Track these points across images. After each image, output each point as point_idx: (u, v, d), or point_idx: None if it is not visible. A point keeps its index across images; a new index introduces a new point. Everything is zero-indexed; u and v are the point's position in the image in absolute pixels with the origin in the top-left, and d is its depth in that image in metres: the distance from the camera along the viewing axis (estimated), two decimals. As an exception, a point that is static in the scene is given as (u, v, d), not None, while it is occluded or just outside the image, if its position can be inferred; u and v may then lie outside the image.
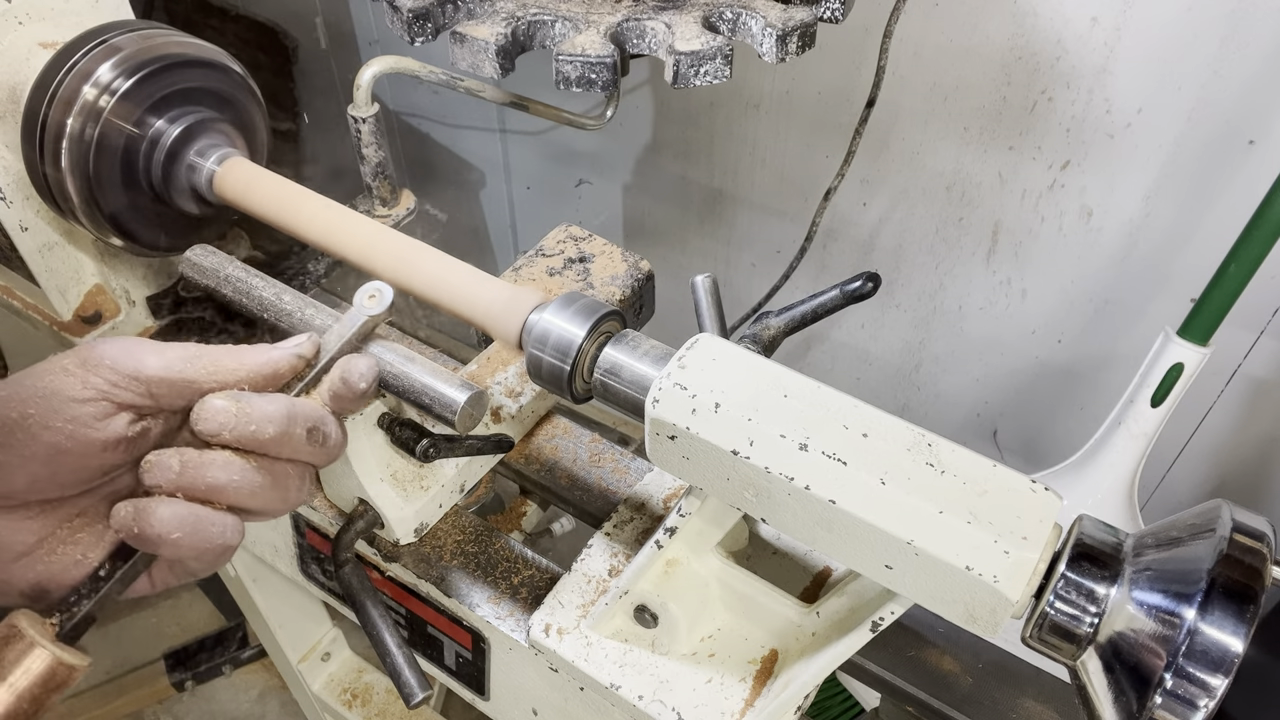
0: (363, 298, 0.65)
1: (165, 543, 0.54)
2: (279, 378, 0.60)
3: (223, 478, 0.55)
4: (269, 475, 0.57)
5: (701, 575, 0.72)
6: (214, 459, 0.55)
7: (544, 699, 0.81)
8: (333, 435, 0.60)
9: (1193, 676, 0.47)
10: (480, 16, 0.94)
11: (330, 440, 0.60)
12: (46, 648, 0.53)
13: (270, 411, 0.56)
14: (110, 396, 0.55)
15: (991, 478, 0.53)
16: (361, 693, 1.54)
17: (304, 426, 0.57)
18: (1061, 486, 1.47)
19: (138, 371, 0.55)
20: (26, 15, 0.88)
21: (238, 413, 0.54)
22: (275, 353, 0.60)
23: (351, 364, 0.61)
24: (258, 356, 0.59)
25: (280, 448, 0.56)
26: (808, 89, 1.62)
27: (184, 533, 0.54)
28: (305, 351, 0.61)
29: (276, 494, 0.57)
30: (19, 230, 0.94)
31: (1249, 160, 1.32)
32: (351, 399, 0.61)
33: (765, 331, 0.79)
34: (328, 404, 0.60)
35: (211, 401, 0.55)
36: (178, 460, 0.54)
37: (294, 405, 0.57)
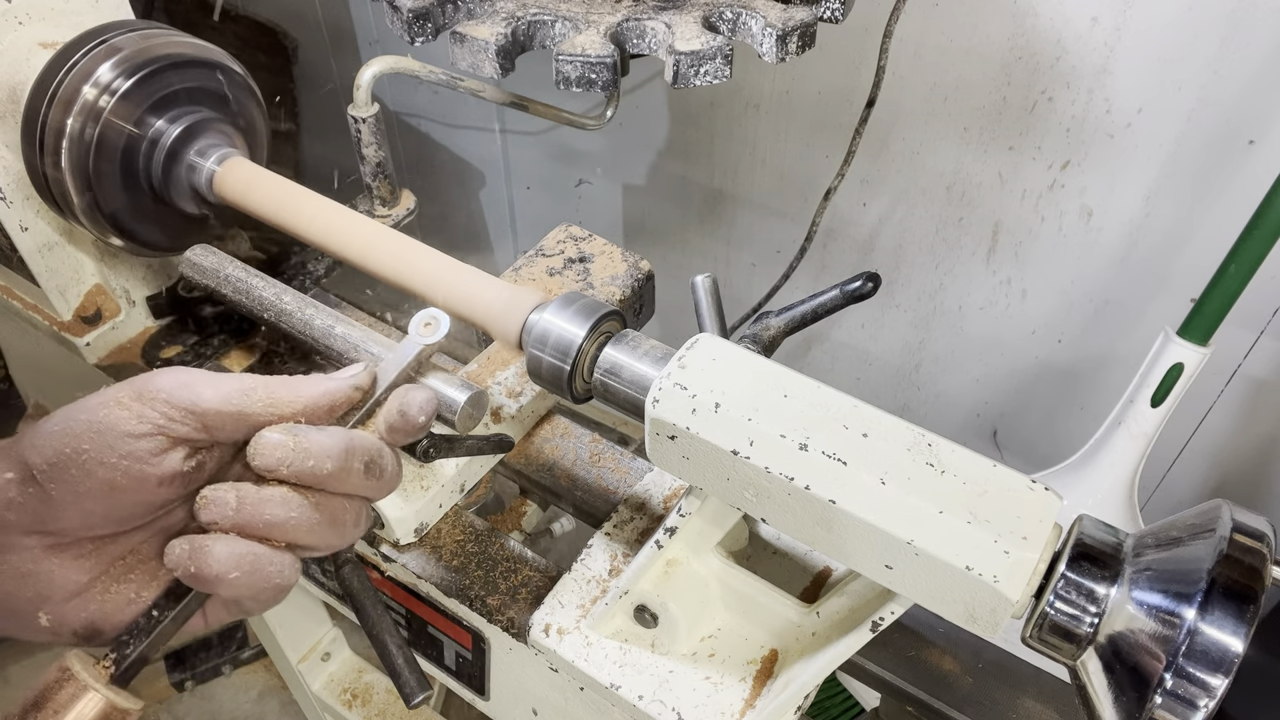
0: (418, 326, 0.62)
1: (222, 582, 0.52)
2: (335, 410, 0.58)
3: (280, 514, 0.53)
4: (326, 511, 0.55)
5: (701, 575, 0.72)
6: (271, 495, 0.53)
7: (544, 699, 0.81)
8: (389, 468, 0.58)
9: (1193, 676, 0.47)
10: (480, 16, 0.94)
11: (387, 473, 0.58)
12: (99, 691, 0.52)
13: (328, 446, 0.54)
14: (166, 431, 0.53)
15: (991, 478, 0.53)
16: (361, 693, 1.54)
17: (362, 460, 0.55)
18: (1061, 486, 1.47)
19: (194, 405, 0.53)
20: (26, 15, 0.88)
21: (295, 447, 0.53)
22: (331, 384, 0.58)
23: (410, 396, 0.59)
24: (314, 388, 0.57)
25: (339, 483, 0.55)
26: (808, 89, 1.62)
27: (241, 572, 0.52)
28: (362, 383, 0.59)
29: (333, 530, 0.56)
30: (19, 230, 0.94)
31: (1249, 160, 1.32)
32: (408, 431, 0.59)
33: (765, 331, 0.79)
34: (383, 436, 0.58)
35: (269, 436, 0.53)
36: (234, 496, 0.52)
37: (352, 439, 0.55)
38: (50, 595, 0.54)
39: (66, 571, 0.54)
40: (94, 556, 0.55)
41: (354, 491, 0.56)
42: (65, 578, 0.54)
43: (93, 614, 0.55)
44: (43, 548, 0.54)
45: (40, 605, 0.54)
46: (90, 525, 0.54)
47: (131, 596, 0.56)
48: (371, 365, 0.60)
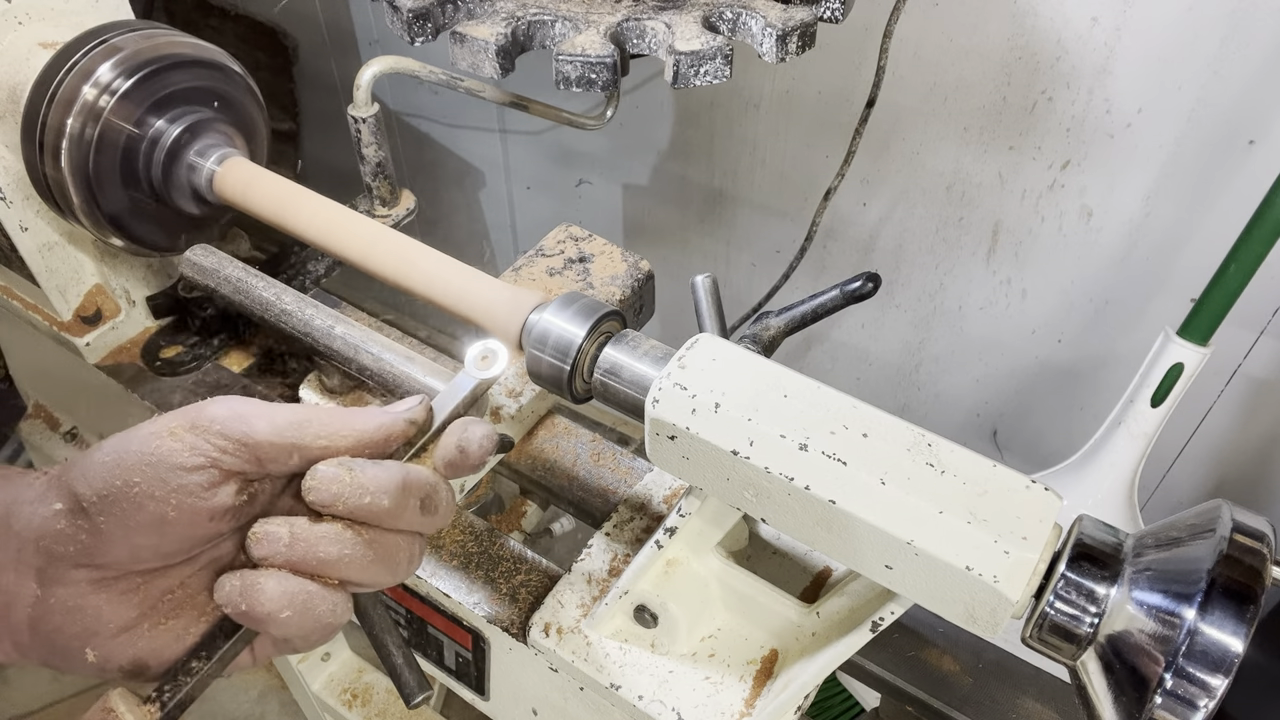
0: (474, 359, 0.60)
1: (273, 621, 0.51)
2: (390, 443, 0.56)
3: (334, 552, 0.51)
4: (380, 548, 0.53)
5: (701, 575, 0.72)
6: (325, 532, 0.52)
7: (544, 699, 0.81)
8: (444, 503, 0.56)
9: (1193, 677, 0.47)
10: (480, 16, 0.94)
11: (442, 509, 0.56)
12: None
13: (384, 481, 0.52)
14: (218, 464, 0.52)
15: (991, 478, 0.53)
16: (361, 693, 1.54)
17: (417, 496, 0.54)
18: (1061, 486, 1.47)
19: (247, 436, 0.52)
20: (26, 15, 0.88)
21: (351, 483, 0.51)
22: (386, 418, 0.56)
23: (470, 432, 0.57)
24: (368, 421, 0.55)
25: (394, 519, 0.53)
26: (808, 89, 1.62)
27: (293, 611, 0.51)
28: (418, 417, 0.57)
29: (386, 568, 0.54)
30: (19, 230, 0.94)
31: (1249, 160, 1.32)
32: (468, 468, 0.57)
33: (765, 331, 0.79)
34: (440, 470, 0.57)
35: (325, 470, 0.52)
36: (288, 532, 0.51)
37: (408, 474, 0.54)
38: (98, 630, 0.53)
39: (114, 607, 0.53)
40: (142, 591, 0.54)
41: (408, 528, 0.55)
42: (113, 613, 0.53)
43: (140, 650, 0.54)
44: (90, 582, 0.53)
45: (88, 641, 0.53)
46: (139, 559, 0.53)
47: (180, 632, 0.55)
48: (427, 400, 0.59)
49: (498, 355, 0.59)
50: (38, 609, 0.52)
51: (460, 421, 0.58)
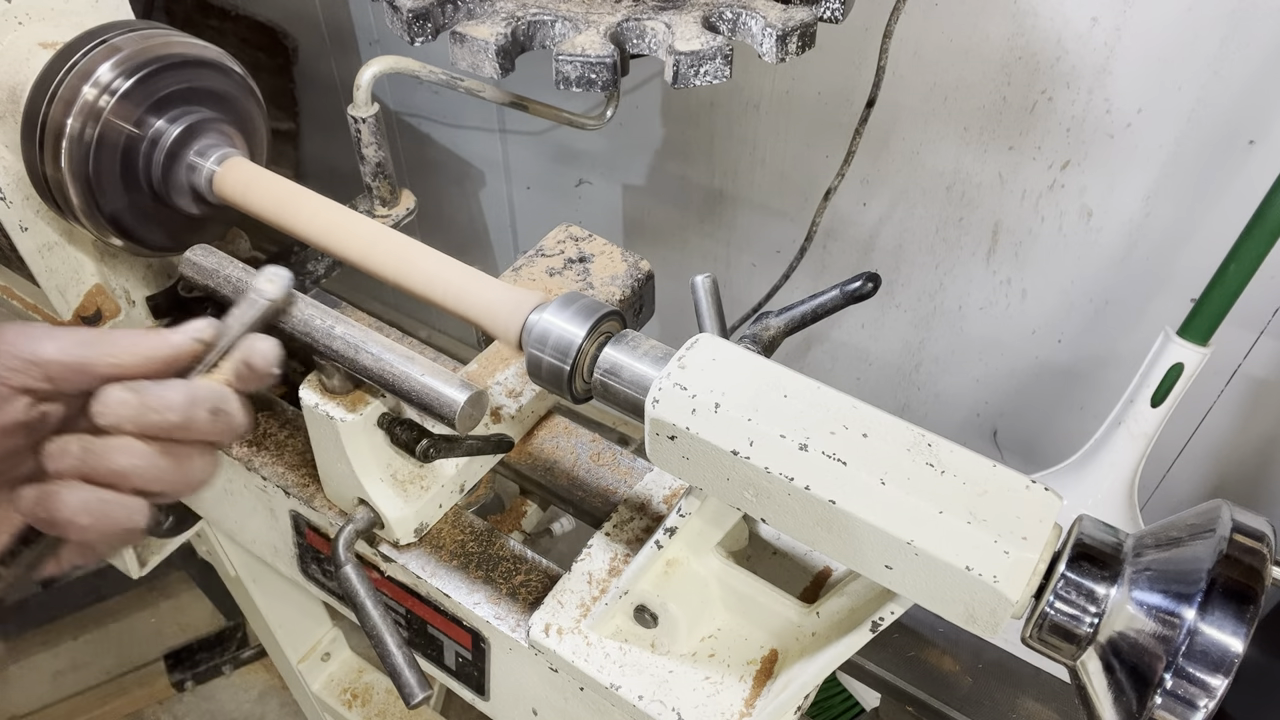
0: (261, 282, 0.66)
1: (72, 526, 0.54)
2: (178, 362, 0.60)
3: (125, 463, 0.55)
4: (172, 458, 0.57)
5: (701, 575, 0.72)
6: (116, 445, 0.55)
7: (544, 699, 0.81)
8: (236, 414, 0.60)
9: (1193, 676, 0.47)
10: (480, 16, 0.94)
11: (234, 419, 0.60)
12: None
13: (170, 399, 0.56)
14: (7, 380, 0.55)
15: (991, 478, 0.53)
16: (361, 693, 1.54)
17: (206, 409, 0.58)
18: (1061, 486, 1.47)
19: (34, 355, 0.55)
20: (26, 15, 0.88)
21: (138, 404, 0.55)
22: (174, 337, 0.60)
23: (256, 346, 0.61)
24: (155, 341, 0.59)
25: (184, 431, 0.57)
26: (808, 89, 1.62)
27: (91, 517, 0.54)
28: (205, 336, 0.61)
29: (180, 476, 0.58)
30: (19, 230, 0.94)
31: (1249, 160, 1.32)
32: (257, 380, 0.62)
33: (765, 331, 0.79)
34: (231, 384, 0.61)
35: (111, 393, 0.55)
36: (78, 446, 0.55)
37: (195, 390, 0.58)
38: None
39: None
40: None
41: (200, 438, 0.58)
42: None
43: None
44: None
45: None
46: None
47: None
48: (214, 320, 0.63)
49: (280, 278, 0.66)
50: None
51: (249, 337, 0.62)
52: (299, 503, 0.87)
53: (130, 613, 2.26)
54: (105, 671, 2.14)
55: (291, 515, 0.90)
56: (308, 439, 0.79)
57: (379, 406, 0.73)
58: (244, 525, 0.99)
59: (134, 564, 1.38)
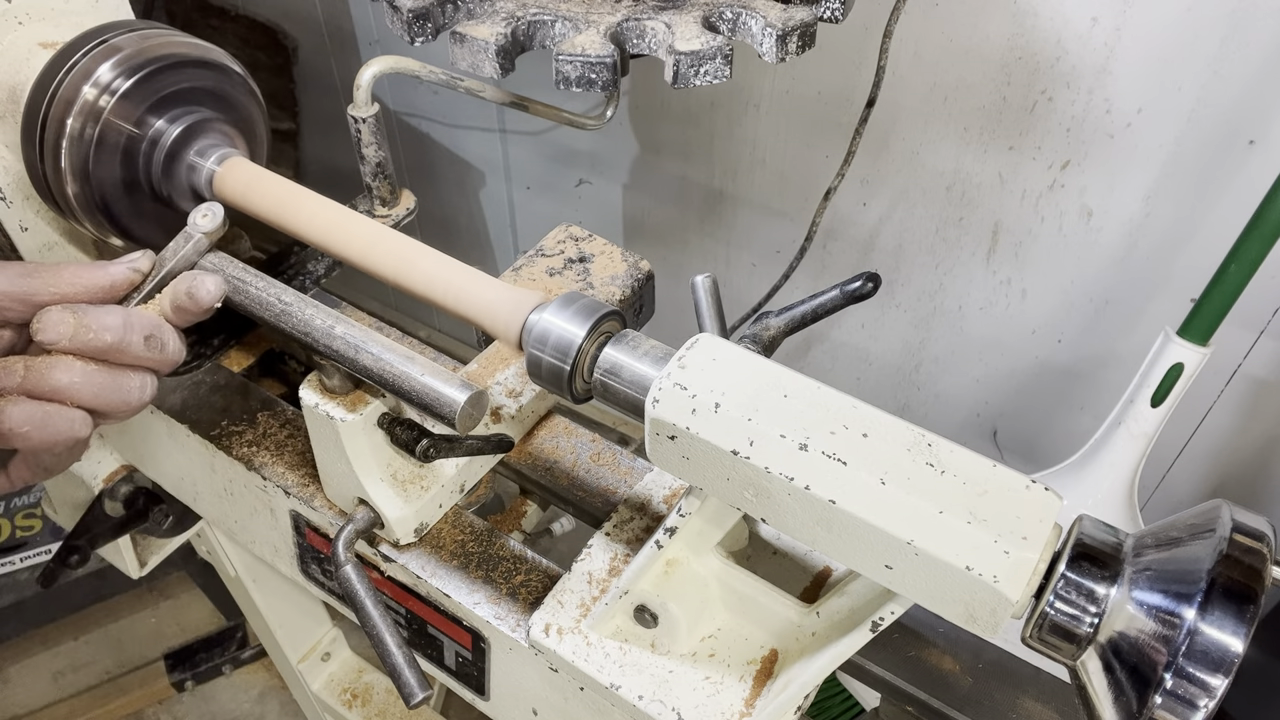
0: (196, 217, 0.70)
1: (16, 436, 0.59)
2: (115, 290, 0.65)
3: (65, 379, 0.60)
4: (110, 377, 0.62)
5: (701, 575, 0.72)
6: (56, 362, 0.60)
7: (544, 699, 0.81)
8: (170, 343, 0.65)
9: (1193, 676, 0.47)
10: (480, 16, 0.94)
11: (169, 348, 0.65)
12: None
13: (107, 321, 0.61)
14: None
15: (991, 478, 0.53)
16: (361, 693, 1.54)
17: (140, 334, 0.63)
18: (1061, 486, 1.47)
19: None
20: (26, 15, 0.87)
21: (75, 323, 0.60)
22: (112, 267, 0.65)
23: (199, 280, 0.66)
24: (95, 271, 0.64)
25: (119, 354, 0.62)
26: (808, 89, 1.62)
27: (33, 426, 0.59)
28: (142, 267, 0.66)
29: (118, 395, 0.63)
30: (19, 230, 0.94)
31: (1249, 160, 1.32)
32: (195, 312, 0.66)
33: (765, 331, 0.79)
34: (168, 314, 0.66)
35: (50, 313, 0.60)
36: (22, 365, 0.59)
37: (130, 315, 0.63)
38: None
39: None
40: None
41: (137, 362, 0.64)
42: None
43: None
44: None
45: None
46: None
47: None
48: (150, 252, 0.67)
49: (215, 213, 0.71)
50: None
51: (192, 272, 0.68)
52: (299, 503, 0.87)
53: (130, 613, 2.26)
54: (105, 671, 2.14)
55: (291, 515, 0.90)
56: (308, 439, 0.79)
57: (379, 406, 0.73)
58: (244, 525, 0.99)
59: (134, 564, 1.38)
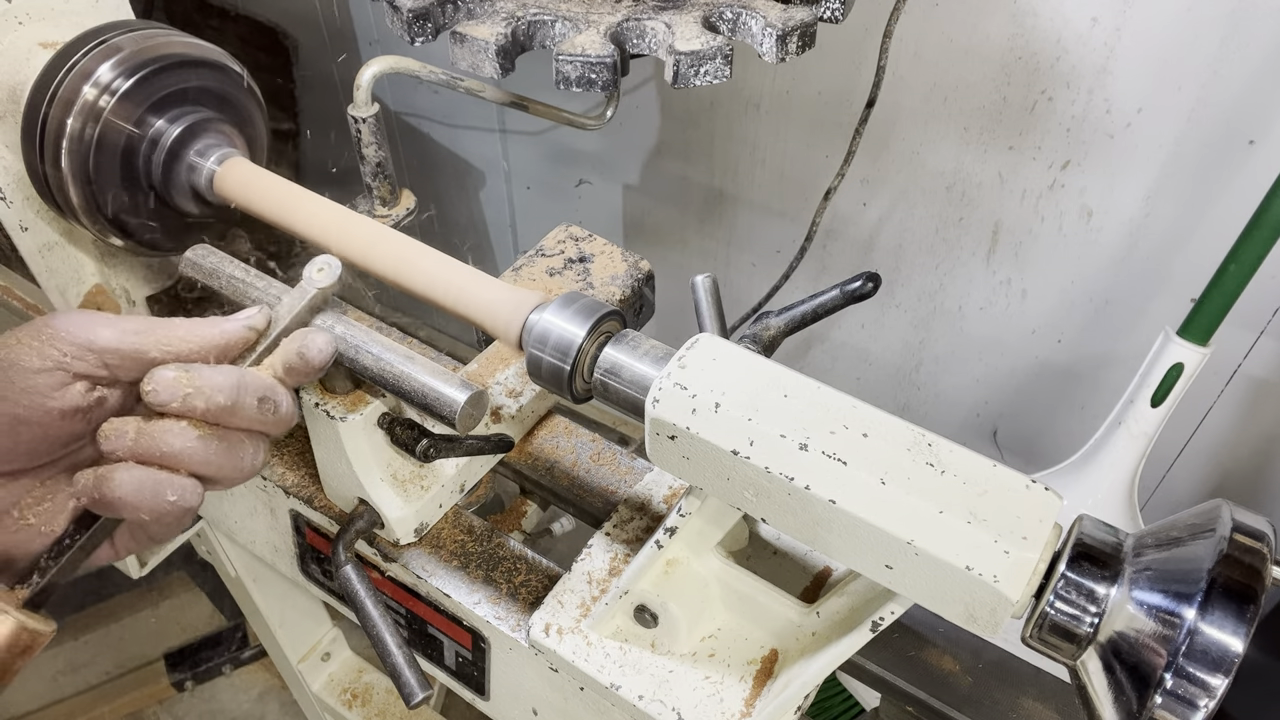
0: (311, 271, 0.66)
1: (125, 506, 0.55)
2: (230, 349, 0.61)
3: (177, 444, 0.56)
4: (223, 443, 0.58)
5: (701, 575, 0.72)
6: (168, 426, 0.56)
7: (544, 699, 0.81)
8: (284, 405, 0.61)
9: (1193, 676, 0.47)
10: (480, 16, 0.94)
11: (282, 409, 0.61)
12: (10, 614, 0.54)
13: (220, 382, 0.57)
14: (66, 366, 0.56)
15: (991, 478, 0.53)
16: (361, 693, 1.54)
17: (254, 396, 0.59)
18: (1061, 486, 1.47)
19: (90, 342, 0.56)
20: (26, 15, 0.88)
21: (188, 384, 0.56)
22: (227, 325, 0.61)
23: (310, 339, 0.62)
24: (209, 329, 0.60)
25: (232, 417, 0.58)
26: (808, 89, 1.62)
27: (143, 496, 0.55)
28: (257, 324, 0.62)
29: (230, 461, 0.59)
30: (19, 230, 0.94)
31: (1249, 160, 1.32)
32: (307, 373, 0.62)
33: (765, 331, 0.79)
34: (280, 375, 0.62)
35: (162, 373, 0.56)
36: (133, 427, 0.56)
37: (244, 376, 0.59)
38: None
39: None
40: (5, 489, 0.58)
41: (249, 426, 0.59)
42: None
43: (5, 544, 0.58)
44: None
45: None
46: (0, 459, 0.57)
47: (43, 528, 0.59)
48: (266, 308, 0.63)
49: (332, 266, 0.66)
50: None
51: (302, 331, 0.63)
52: (299, 503, 0.87)
53: (130, 613, 2.26)
54: (105, 671, 2.14)
55: (291, 515, 0.90)
56: (308, 439, 0.79)
57: (379, 406, 0.73)
58: (244, 525, 0.99)
59: (134, 564, 1.38)
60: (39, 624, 0.56)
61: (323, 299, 0.66)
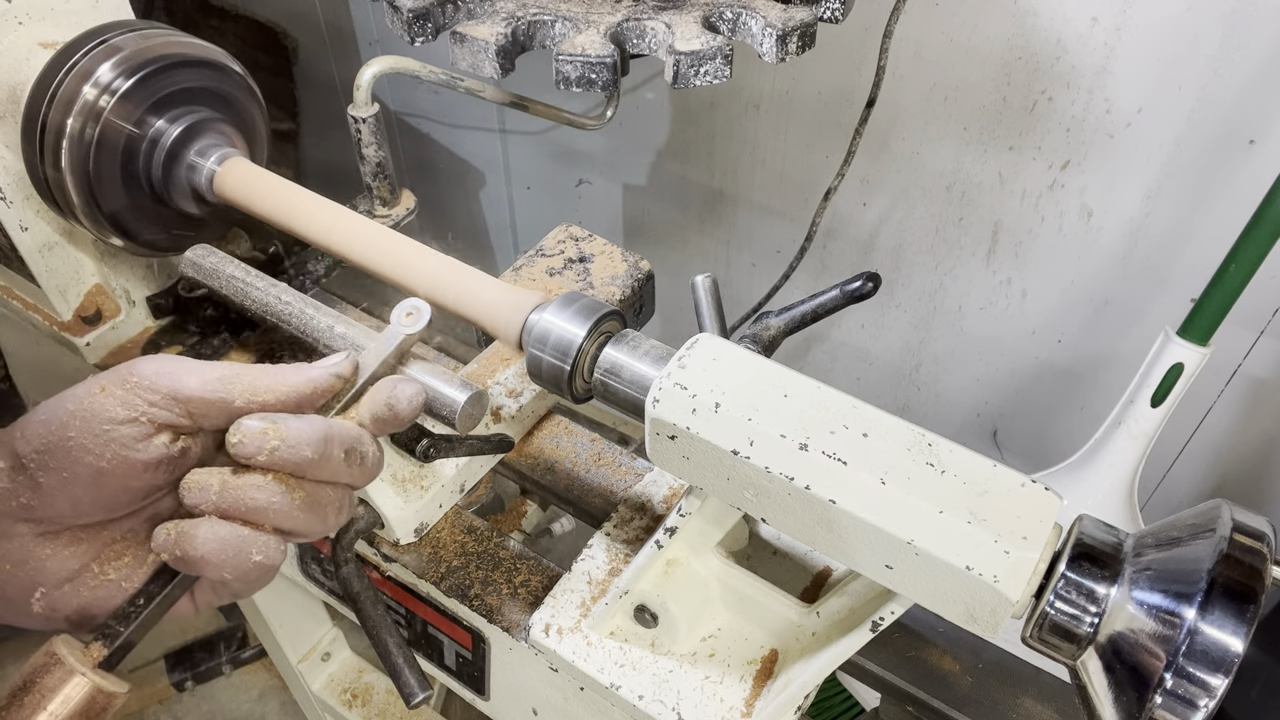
0: (400, 315, 0.63)
1: (207, 564, 0.53)
2: (316, 398, 0.58)
3: (262, 500, 0.53)
4: (308, 497, 0.55)
5: (701, 575, 0.72)
6: (253, 481, 0.53)
7: (544, 699, 0.81)
8: (370, 456, 0.58)
9: (1193, 676, 0.47)
10: (480, 16, 0.94)
11: (368, 461, 0.58)
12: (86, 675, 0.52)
13: (307, 434, 0.54)
14: (149, 416, 0.53)
15: (991, 478, 0.53)
16: (361, 693, 1.54)
17: (341, 448, 0.56)
18: (1061, 486, 1.47)
19: (175, 391, 0.54)
20: (26, 15, 0.88)
21: (274, 435, 0.53)
22: (313, 372, 0.58)
23: (399, 390, 0.59)
24: (295, 377, 0.57)
25: (318, 470, 0.55)
26: (808, 89, 1.62)
27: (225, 555, 0.53)
28: (343, 371, 0.59)
29: (314, 516, 0.56)
30: (19, 230, 0.94)
31: (1249, 160, 1.32)
32: (395, 424, 0.59)
33: (765, 331, 0.79)
34: (367, 425, 0.59)
35: (248, 424, 0.53)
36: (217, 480, 0.53)
37: (331, 427, 0.56)
38: (43, 582, 0.56)
39: (59, 559, 0.55)
40: (85, 543, 0.56)
41: (335, 479, 0.57)
42: (58, 565, 0.55)
43: (85, 600, 0.56)
44: (34, 535, 0.55)
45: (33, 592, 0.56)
46: (80, 512, 0.55)
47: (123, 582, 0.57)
48: (353, 355, 0.60)
49: (421, 312, 0.62)
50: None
51: (390, 380, 0.60)
52: (299, 503, 0.87)
53: (130, 613, 2.25)
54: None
55: (291, 515, 0.90)
56: (308, 439, 0.79)
57: (379, 406, 0.73)
58: (244, 525, 0.99)
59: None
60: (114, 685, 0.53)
61: (410, 345, 0.63)
